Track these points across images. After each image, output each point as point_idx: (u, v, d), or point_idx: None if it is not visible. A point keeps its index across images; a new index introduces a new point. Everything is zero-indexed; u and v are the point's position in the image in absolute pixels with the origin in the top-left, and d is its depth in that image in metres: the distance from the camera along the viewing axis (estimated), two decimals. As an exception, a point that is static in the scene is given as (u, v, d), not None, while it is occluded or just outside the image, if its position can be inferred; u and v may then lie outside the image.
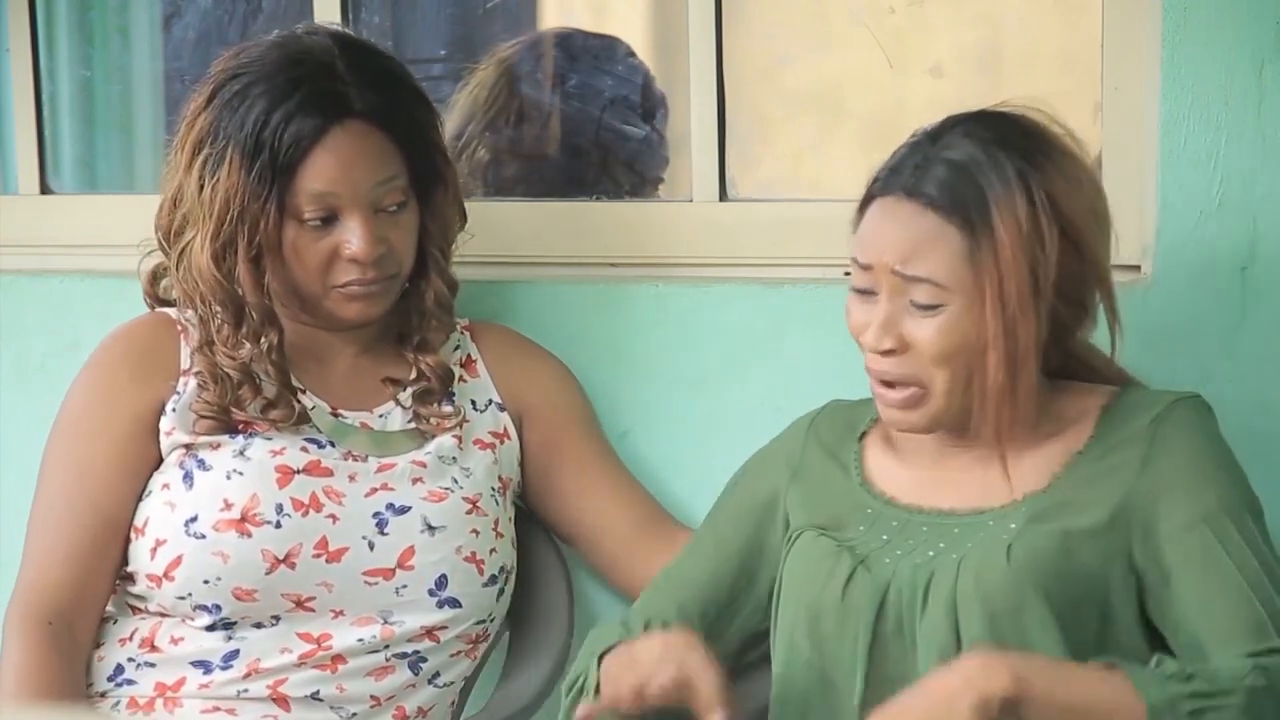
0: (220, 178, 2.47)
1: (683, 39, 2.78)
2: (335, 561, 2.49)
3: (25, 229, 3.05)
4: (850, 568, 2.21)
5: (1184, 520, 2.14)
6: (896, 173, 2.20)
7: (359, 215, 2.49)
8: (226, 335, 2.51)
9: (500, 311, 2.75)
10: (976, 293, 2.15)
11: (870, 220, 2.21)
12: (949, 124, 2.22)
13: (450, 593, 2.52)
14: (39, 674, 2.46)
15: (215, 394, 2.52)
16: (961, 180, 2.16)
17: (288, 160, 2.46)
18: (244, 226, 2.47)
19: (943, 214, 2.16)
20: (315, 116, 2.47)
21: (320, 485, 2.51)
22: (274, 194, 2.46)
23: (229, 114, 2.49)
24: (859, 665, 2.20)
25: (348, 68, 2.51)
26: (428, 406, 2.59)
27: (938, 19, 2.90)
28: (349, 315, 2.54)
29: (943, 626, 2.16)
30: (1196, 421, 2.21)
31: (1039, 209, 2.15)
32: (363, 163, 2.49)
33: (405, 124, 2.53)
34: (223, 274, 2.49)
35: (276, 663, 2.50)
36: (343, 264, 2.50)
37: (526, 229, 2.83)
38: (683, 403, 2.73)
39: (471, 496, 2.55)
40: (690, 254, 2.79)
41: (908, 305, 2.17)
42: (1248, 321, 2.51)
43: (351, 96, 2.49)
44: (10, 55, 3.08)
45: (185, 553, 2.48)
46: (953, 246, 2.15)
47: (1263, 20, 2.47)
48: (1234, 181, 2.50)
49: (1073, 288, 2.19)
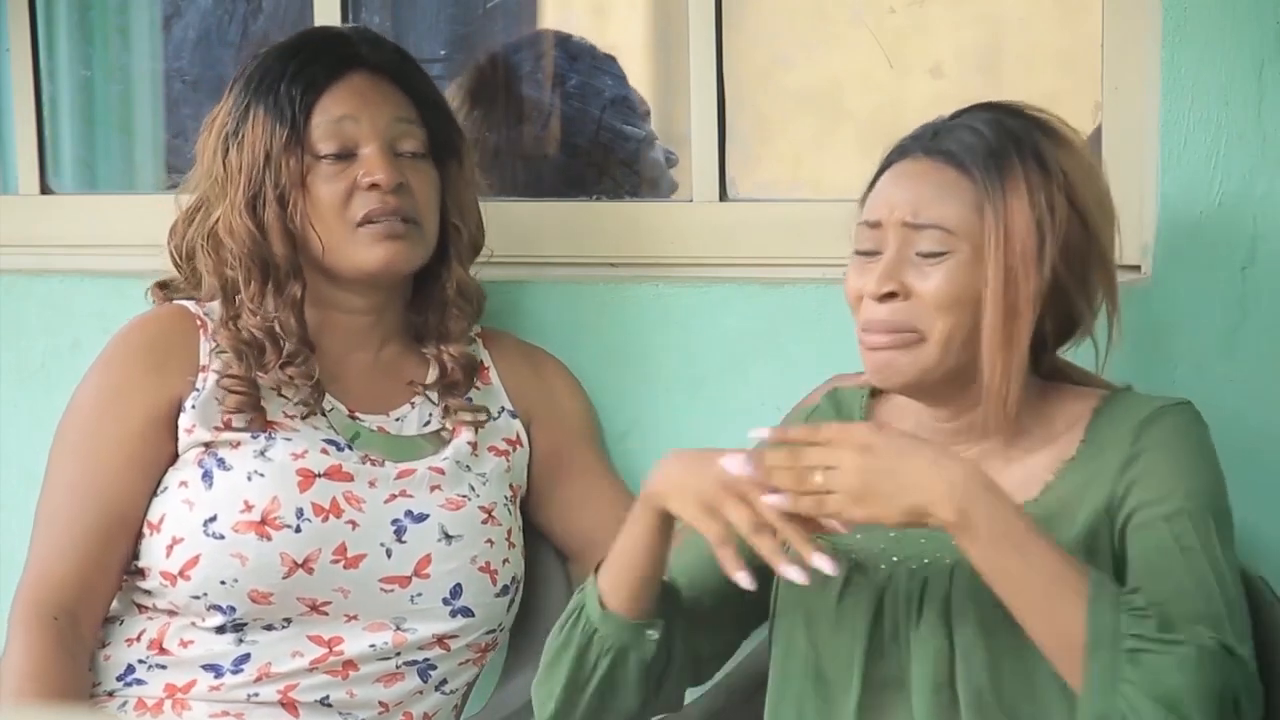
0: (244, 135, 2.52)
1: (683, 39, 2.78)
2: (353, 568, 2.49)
3: (25, 229, 3.05)
4: (846, 575, 2.21)
5: (1144, 518, 2.14)
6: (912, 139, 2.22)
7: (375, 144, 2.52)
8: (254, 293, 2.52)
9: (501, 311, 2.75)
10: (982, 244, 2.15)
11: (881, 183, 2.22)
12: (957, 112, 2.24)
13: (464, 602, 2.53)
14: (44, 672, 2.46)
15: (241, 368, 2.51)
16: (981, 142, 2.17)
17: (306, 100, 2.51)
18: (270, 171, 2.50)
19: (960, 168, 2.17)
20: (330, 63, 2.54)
21: (341, 490, 2.51)
22: (294, 131, 2.50)
23: (246, 88, 2.54)
24: (855, 668, 2.20)
25: (360, 39, 2.59)
26: (455, 398, 2.59)
27: (938, 19, 2.90)
28: (375, 260, 2.53)
29: (937, 631, 2.16)
30: (1180, 427, 2.19)
31: (1053, 179, 2.16)
32: (378, 97, 2.55)
33: (419, 84, 2.59)
34: (255, 224, 2.51)
35: (288, 667, 2.50)
36: (361, 195, 2.52)
37: (527, 229, 2.83)
38: (683, 403, 2.73)
39: (487, 505, 2.55)
40: (690, 254, 2.79)
41: (912, 256, 2.17)
42: (1248, 321, 2.51)
43: (364, 52, 2.56)
44: (10, 55, 3.09)
45: (203, 552, 2.48)
46: (964, 196, 2.16)
47: (1263, 20, 2.47)
48: (1234, 181, 2.51)
49: (1077, 261, 2.19)
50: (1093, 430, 2.21)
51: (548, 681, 2.27)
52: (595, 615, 2.22)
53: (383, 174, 2.51)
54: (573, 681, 2.24)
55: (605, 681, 2.23)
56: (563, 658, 2.25)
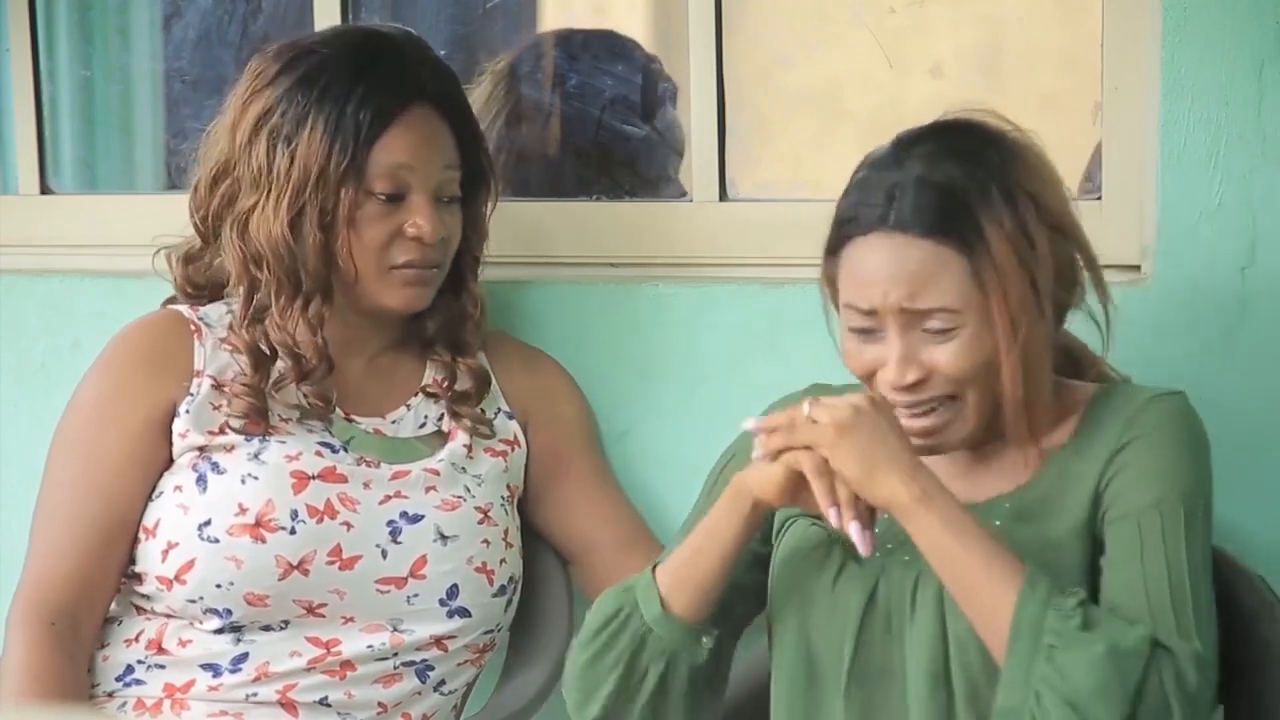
0: (299, 145, 2.49)
1: (683, 39, 2.78)
2: (348, 569, 2.49)
3: (25, 229, 3.05)
4: (841, 560, 2.22)
5: (1120, 511, 2.15)
6: (869, 207, 2.17)
7: (425, 195, 2.52)
8: (283, 306, 2.51)
9: (500, 311, 2.75)
10: (986, 309, 2.14)
11: (858, 262, 2.18)
12: (904, 145, 2.20)
13: (460, 603, 2.52)
14: (43, 674, 2.46)
15: (256, 377, 2.51)
16: (944, 200, 2.14)
17: (371, 133, 2.50)
18: (319, 195, 2.49)
19: (937, 239, 2.14)
20: (396, 94, 2.52)
21: (335, 492, 2.51)
22: (353, 164, 2.49)
23: (305, 88, 2.51)
24: (845, 655, 2.20)
25: (416, 55, 2.58)
26: (466, 407, 2.59)
27: (938, 19, 2.90)
28: (398, 302, 2.55)
29: (932, 622, 2.17)
30: (1168, 417, 2.20)
31: (1023, 210, 2.15)
32: (434, 143, 2.55)
33: (466, 118, 2.60)
34: (296, 241, 2.50)
35: (286, 667, 2.50)
36: (404, 243, 2.52)
37: (526, 229, 2.83)
38: (683, 403, 2.73)
39: (483, 506, 2.55)
40: (690, 254, 2.79)
41: (920, 334, 2.16)
42: (1247, 321, 2.51)
43: (425, 78, 2.55)
44: (10, 55, 3.09)
45: (198, 556, 2.48)
46: (955, 269, 2.14)
47: (1263, 20, 2.47)
48: (1234, 181, 2.50)
49: (1068, 270, 2.20)
50: (1086, 421, 2.22)
51: (587, 684, 2.24)
52: (653, 616, 2.21)
53: (429, 229, 2.51)
54: (622, 687, 2.22)
55: (658, 690, 2.22)
56: (605, 659, 2.23)
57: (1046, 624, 2.05)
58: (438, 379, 2.62)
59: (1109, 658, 2.03)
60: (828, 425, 2.11)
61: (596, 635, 2.24)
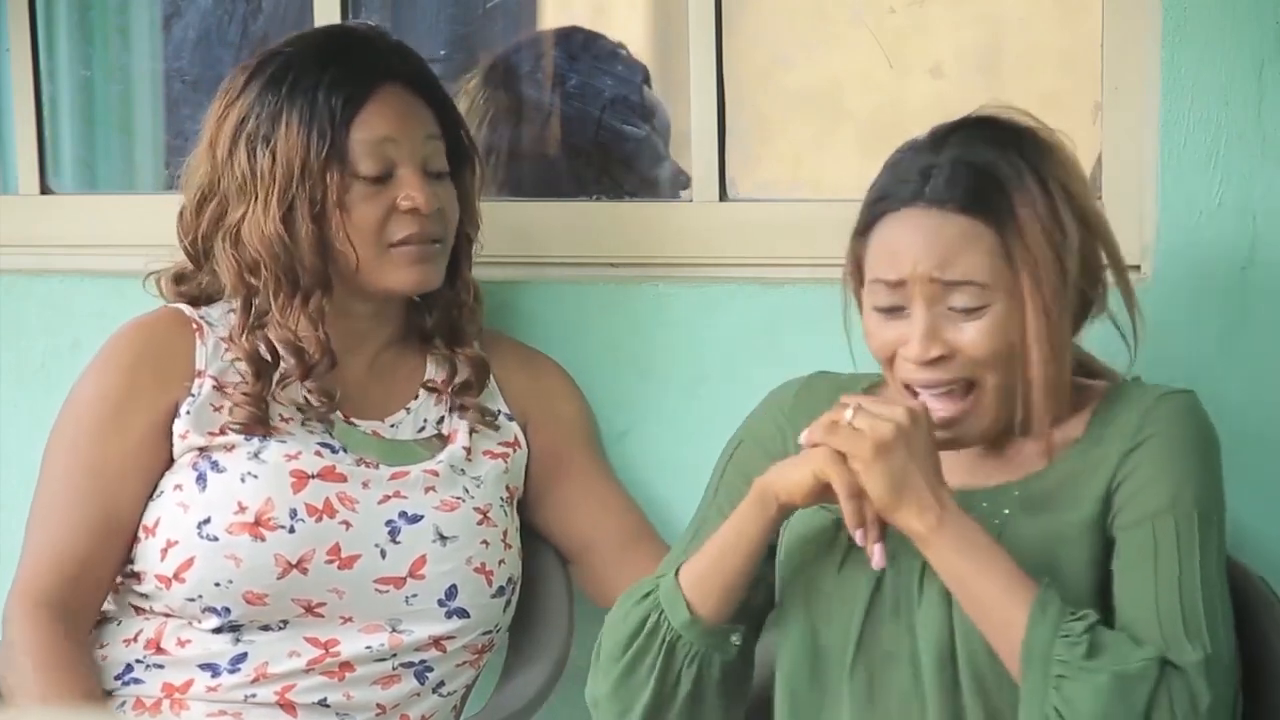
0: (277, 143, 2.50)
1: (683, 39, 2.78)
2: (347, 568, 2.49)
3: (25, 229, 3.05)
4: (847, 546, 2.22)
5: (1134, 516, 2.15)
6: (904, 184, 2.19)
7: (413, 167, 2.53)
8: (283, 302, 2.51)
9: (500, 311, 2.75)
10: (1015, 289, 2.15)
11: (890, 236, 2.19)
12: (943, 132, 2.22)
13: (459, 603, 2.52)
14: (56, 659, 2.45)
15: (258, 385, 2.51)
16: (980, 179, 2.16)
17: (346, 114, 2.50)
18: (306, 186, 2.49)
19: (971, 214, 2.15)
20: (365, 74, 2.53)
21: (334, 491, 2.51)
22: (334, 149, 2.49)
23: (274, 87, 2.52)
24: (851, 639, 2.21)
25: (381, 42, 2.59)
26: (469, 397, 2.59)
27: (938, 19, 2.90)
28: (404, 282, 2.54)
29: (939, 609, 2.17)
30: (1179, 417, 2.20)
31: (1056, 199, 2.16)
32: (412, 115, 2.55)
33: (440, 96, 2.60)
34: (290, 238, 2.49)
35: (285, 668, 2.50)
36: (399, 218, 2.52)
37: (526, 229, 2.83)
38: (682, 403, 2.73)
39: (482, 507, 2.55)
40: (690, 254, 2.79)
41: (946, 311, 2.16)
42: (1248, 321, 2.51)
43: (394, 62, 2.56)
44: (10, 55, 3.09)
45: (197, 555, 2.48)
46: (987, 244, 2.15)
47: (1263, 20, 2.47)
48: (1234, 181, 2.51)
49: (1094, 265, 2.22)
50: (1098, 416, 2.23)
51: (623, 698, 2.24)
52: (681, 622, 2.21)
53: (423, 199, 2.51)
54: (658, 695, 2.22)
55: (693, 693, 2.22)
56: (638, 671, 2.22)
57: (1054, 653, 2.06)
58: (439, 375, 2.62)
59: (1113, 685, 2.05)
60: (867, 439, 2.10)
61: (626, 648, 2.24)
